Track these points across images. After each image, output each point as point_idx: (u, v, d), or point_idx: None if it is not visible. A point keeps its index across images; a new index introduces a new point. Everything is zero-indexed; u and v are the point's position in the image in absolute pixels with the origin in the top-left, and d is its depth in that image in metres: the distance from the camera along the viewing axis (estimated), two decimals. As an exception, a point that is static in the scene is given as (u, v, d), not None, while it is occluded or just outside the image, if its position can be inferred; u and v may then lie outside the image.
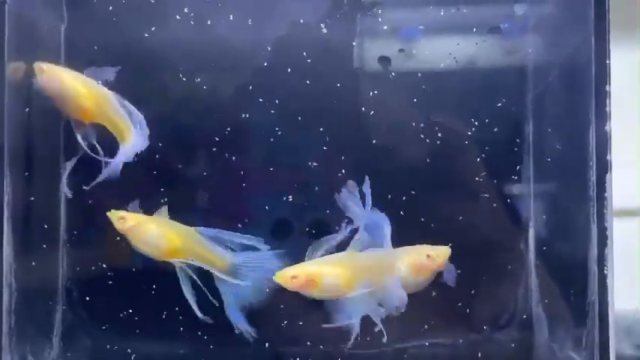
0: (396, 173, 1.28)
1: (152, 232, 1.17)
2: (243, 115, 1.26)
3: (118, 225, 1.16)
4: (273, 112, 1.26)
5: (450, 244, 1.23)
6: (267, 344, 1.24)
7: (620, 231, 1.10)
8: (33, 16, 1.17)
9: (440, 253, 1.18)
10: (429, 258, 1.17)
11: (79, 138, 1.17)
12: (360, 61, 1.29)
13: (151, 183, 1.28)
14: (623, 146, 1.12)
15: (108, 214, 1.16)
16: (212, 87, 1.27)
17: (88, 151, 1.17)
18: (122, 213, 1.17)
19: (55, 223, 1.25)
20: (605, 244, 1.06)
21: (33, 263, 1.16)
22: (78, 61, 1.25)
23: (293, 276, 1.13)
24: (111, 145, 1.19)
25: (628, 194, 1.50)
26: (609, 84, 1.07)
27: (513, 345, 1.28)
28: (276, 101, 1.26)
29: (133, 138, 1.18)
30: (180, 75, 1.27)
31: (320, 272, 1.14)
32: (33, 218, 1.16)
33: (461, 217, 1.28)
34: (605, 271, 1.06)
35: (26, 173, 1.12)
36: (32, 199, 1.15)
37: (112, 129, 1.19)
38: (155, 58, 1.27)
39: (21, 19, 1.09)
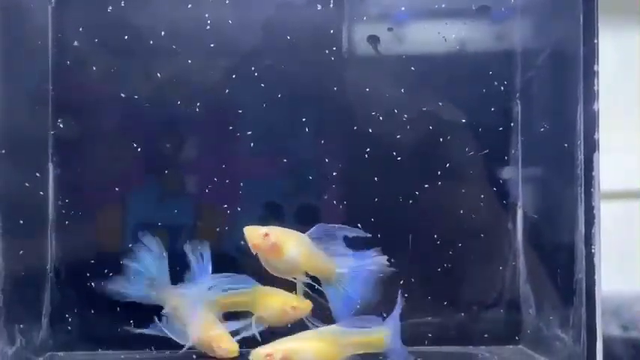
0: (384, 156, 1.29)
1: (290, 250, 1.13)
2: (230, 98, 1.26)
3: (259, 240, 1.12)
4: (260, 95, 1.27)
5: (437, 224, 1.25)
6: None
7: (609, 213, 1.11)
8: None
9: None
10: None
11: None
12: (348, 43, 1.29)
13: (139, 167, 1.28)
14: (618, 129, 1.13)
15: (246, 229, 1.13)
16: (199, 69, 1.27)
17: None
18: (265, 229, 1.12)
19: (44, 204, 1.25)
20: (593, 223, 1.07)
21: (22, 243, 1.16)
22: (65, 42, 1.25)
23: (267, 354, 1.07)
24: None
25: (621, 178, 1.52)
26: (597, 64, 1.07)
27: (501, 324, 1.30)
28: (262, 85, 1.27)
29: None
30: (168, 57, 1.27)
31: (297, 349, 1.08)
32: (21, 199, 1.16)
33: (449, 198, 1.29)
34: (593, 250, 1.06)
35: (14, 156, 1.11)
36: (20, 180, 1.15)
37: None
38: (142, 39, 1.27)
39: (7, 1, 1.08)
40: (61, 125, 1.26)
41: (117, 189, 1.27)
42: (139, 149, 1.27)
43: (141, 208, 1.28)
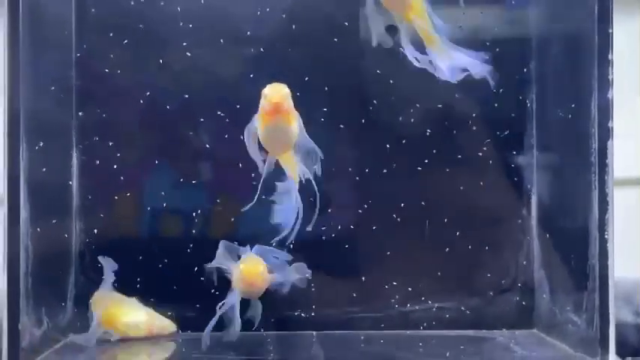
0: (399, 143, 1.30)
1: (297, 123, 1.08)
2: (246, 89, 1.27)
3: (282, 100, 1.04)
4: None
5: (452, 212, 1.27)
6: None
7: (622, 200, 1.12)
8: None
9: None
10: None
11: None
12: (366, 33, 1.29)
13: (159, 153, 1.30)
14: (625, 116, 1.14)
15: (271, 85, 1.06)
16: (216, 58, 1.29)
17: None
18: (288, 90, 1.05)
19: (68, 189, 1.28)
20: (606, 210, 1.08)
21: (48, 228, 1.19)
22: (90, 34, 1.28)
23: None
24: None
25: (634, 164, 1.52)
26: (612, 52, 1.08)
27: (516, 308, 1.31)
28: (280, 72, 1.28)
29: None
30: (186, 45, 1.28)
31: None
32: (47, 184, 1.18)
33: (465, 185, 1.30)
34: (606, 236, 1.07)
35: (40, 143, 1.14)
36: (46, 165, 1.17)
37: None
38: (160, 30, 1.28)
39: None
40: (84, 114, 1.28)
41: (138, 175, 1.30)
42: (159, 136, 1.30)
43: (159, 194, 1.30)
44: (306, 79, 1.28)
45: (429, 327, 1.30)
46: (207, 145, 1.30)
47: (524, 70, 1.31)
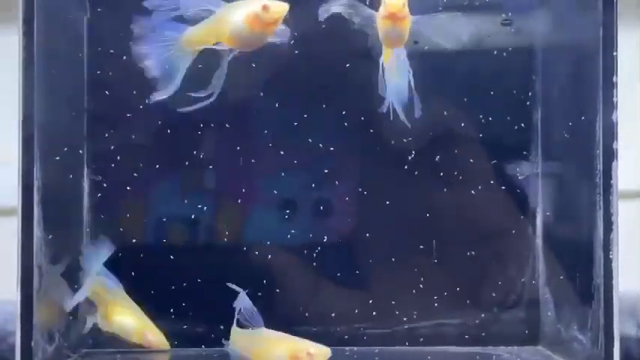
0: (402, 158, 1.31)
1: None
2: (249, 96, 1.29)
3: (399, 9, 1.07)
4: (279, 91, 1.29)
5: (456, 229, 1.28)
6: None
7: (625, 213, 1.13)
8: (57, 7, 1.19)
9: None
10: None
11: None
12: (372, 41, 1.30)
13: (164, 163, 1.31)
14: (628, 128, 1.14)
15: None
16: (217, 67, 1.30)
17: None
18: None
19: (79, 205, 1.29)
20: (611, 230, 1.09)
21: (59, 244, 1.20)
22: (101, 51, 1.29)
23: (308, 353, 1.08)
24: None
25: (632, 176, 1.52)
26: (616, 75, 1.09)
27: (521, 325, 1.32)
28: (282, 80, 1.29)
29: None
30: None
31: None
32: (59, 201, 1.19)
33: (470, 202, 1.31)
34: (611, 256, 1.09)
35: (57, 158, 1.15)
36: (58, 183, 1.18)
37: None
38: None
39: (46, 11, 1.11)
40: (95, 132, 1.30)
41: (148, 193, 1.31)
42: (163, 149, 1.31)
43: (166, 204, 1.32)
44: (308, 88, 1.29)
45: (433, 343, 1.31)
46: (211, 156, 1.31)
47: (530, 88, 1.32)
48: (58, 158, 1.16)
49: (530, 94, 1.32)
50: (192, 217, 1.31)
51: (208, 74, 1.13)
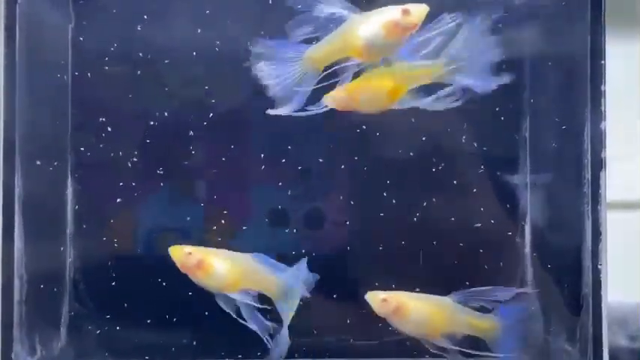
0: (393, 168, 1.30)
1: (217, 267, 1.13)
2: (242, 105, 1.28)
3: (184, 259, 1.13)
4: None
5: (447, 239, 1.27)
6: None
7: (616, 223, 1.13)
8: (41, 15, 1.19)
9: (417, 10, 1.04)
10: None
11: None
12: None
13: (152, 174, 1.30)
14: (622, 139, 1.14)
15: (171, 249, 1.14)
16: (209, 77, 1.29)
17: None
18: (189, 248, 1.13)
19: (62, 215, 1.28)
20: (599, 240, 1.09)
21: (41, 255, 1.19)
22: (85, 61, 1.28)
23: (383, 299, 1.11)
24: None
25: (627, 187, 1.52)
26: (604, 84, 1.09)
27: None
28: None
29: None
30: (181, 69, 1.29)
31: (411, 305, 1.11)
32: (41, 211, 1.18)
33: (458, 212, 1.31)
34: (599, 266, 1.08)
35: (37, 163, 1.14)
36: (41, 192, 1.17)
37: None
38: (155, 53, 1.29)
39: (30, 19, 1.11)
40: (79, 138, 1.29)
41: (133, 201, 1.30)
42: (152, 158, 1.30)
43: (154, 216, 1.31)
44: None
45: (424, 355, 1.30)
46: (202, 165, 1.30)
47: (519, 98, 1.32)
48: (39, 163, 1.15)
49: (519, 103, 1.32)
50: (179, 227, 1.30)
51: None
